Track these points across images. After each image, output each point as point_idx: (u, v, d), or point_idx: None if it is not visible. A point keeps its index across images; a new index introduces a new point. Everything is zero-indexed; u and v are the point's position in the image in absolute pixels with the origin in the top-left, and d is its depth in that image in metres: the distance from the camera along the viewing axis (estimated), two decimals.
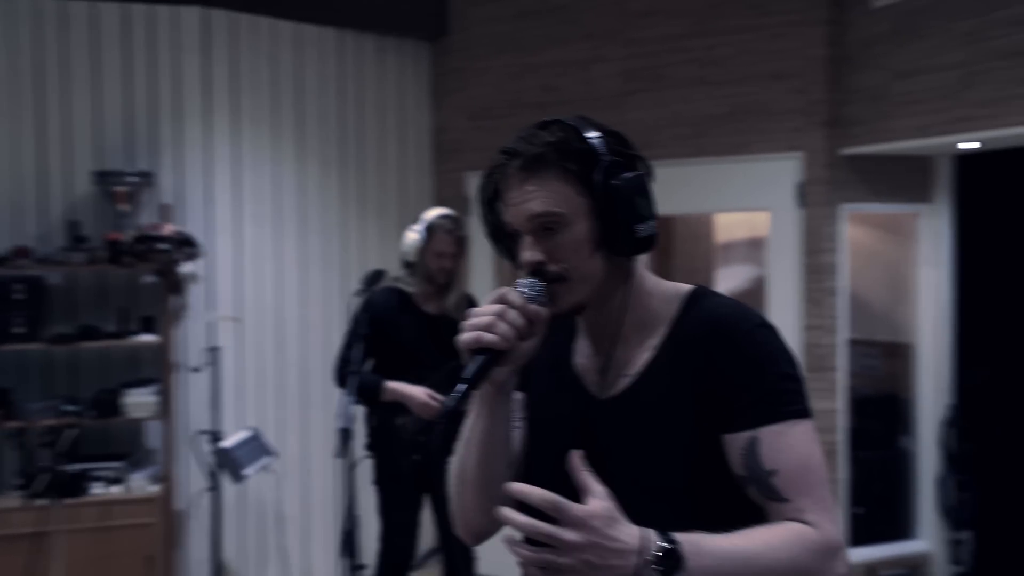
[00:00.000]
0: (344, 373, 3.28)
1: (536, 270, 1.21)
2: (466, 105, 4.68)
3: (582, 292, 1.22)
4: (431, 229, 3.33)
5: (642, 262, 1.29)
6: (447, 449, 1.26)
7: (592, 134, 1.21)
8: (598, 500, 1.03)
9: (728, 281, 4.88)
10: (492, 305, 1.19)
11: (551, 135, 1.20)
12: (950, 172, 4.14)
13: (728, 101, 4.06)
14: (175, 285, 4.06)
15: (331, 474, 4.51)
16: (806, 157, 3.92)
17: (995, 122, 3.42)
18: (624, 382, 1.25)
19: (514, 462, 1.30)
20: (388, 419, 3.34)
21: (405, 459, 3.30)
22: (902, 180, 4.08)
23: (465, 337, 1.18)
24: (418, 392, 3.22)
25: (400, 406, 3.28)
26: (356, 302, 2.84)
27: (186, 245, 3.98)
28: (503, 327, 1.16)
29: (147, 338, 3.96)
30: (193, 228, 4.11)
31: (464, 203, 4.60)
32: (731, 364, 1.17)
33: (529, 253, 1.21)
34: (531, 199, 1.20)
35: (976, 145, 3.78)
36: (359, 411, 4.14)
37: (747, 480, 1.17)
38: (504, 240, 1.28)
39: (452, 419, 1.15)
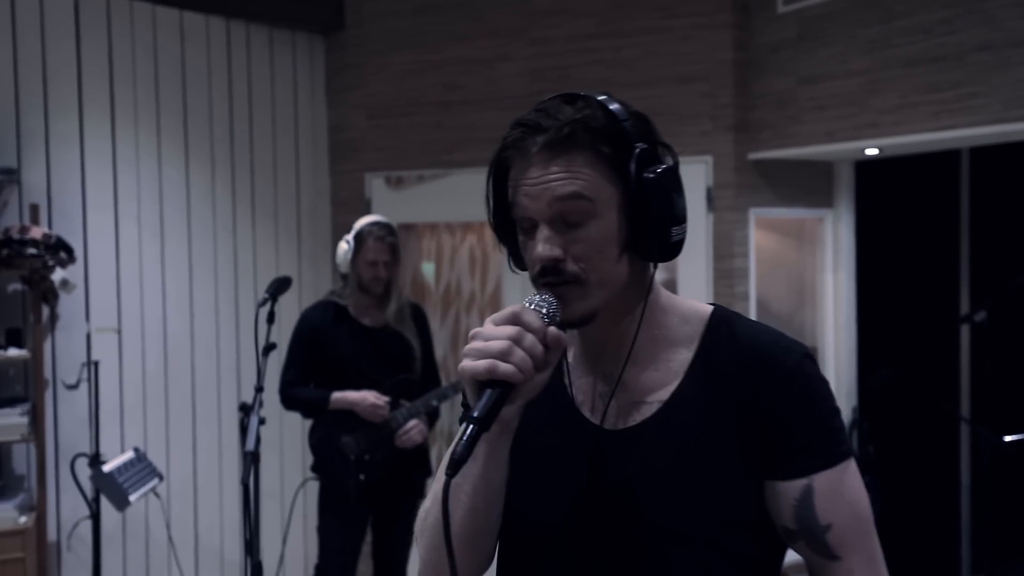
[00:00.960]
0: (288, 394, 3.24)
1: (551, 268, 1.03)
2: (364, 103, 4.47)
3: (598, 298, 1.05)
4: (360, 237, 3.21)
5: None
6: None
7: (622, 115, 1.05)
8: None
9: None
10: (504, 327, 0.99)
11: (578, 111, 1.04)
12: (851, 177, 4.21)
13: (636, 104, 3.94)
14: (46, 294, 3.70)
15: (224, 497, 4.22)
16: (715, 161, 3.90)
17: (899, 129, 3.47)
18: (645, 411, 1.08)
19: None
20: (333, 438, 3.20)
21: (351, 479, 3.17)
22: (807, 185, 4.11)
23: (475, 366, 0.98)
24: (366, 395, 3.17)
25: (345, 424, 3.18)
26: (262, 312, 2.62)
27: (58, 250, 3.62)
28: (520, 356, 0.98)
29: (14, 352, 3.58)
30: (65, 231, 3.75)
31: (365, 205, 4.39)
32: (782, 402, 1.04)
33: (545, 247, 1.02)
34: (556, 181, 1.02)
35: (876, 151, 3.84)
36: (293, 431, 3.90)
37: (796, 534, 1.04)
38: (510, 231, 1.10)
39: (458, 469, 0.96)
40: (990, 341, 4.44)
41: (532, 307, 1.02)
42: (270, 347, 2.62)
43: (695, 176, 3.92)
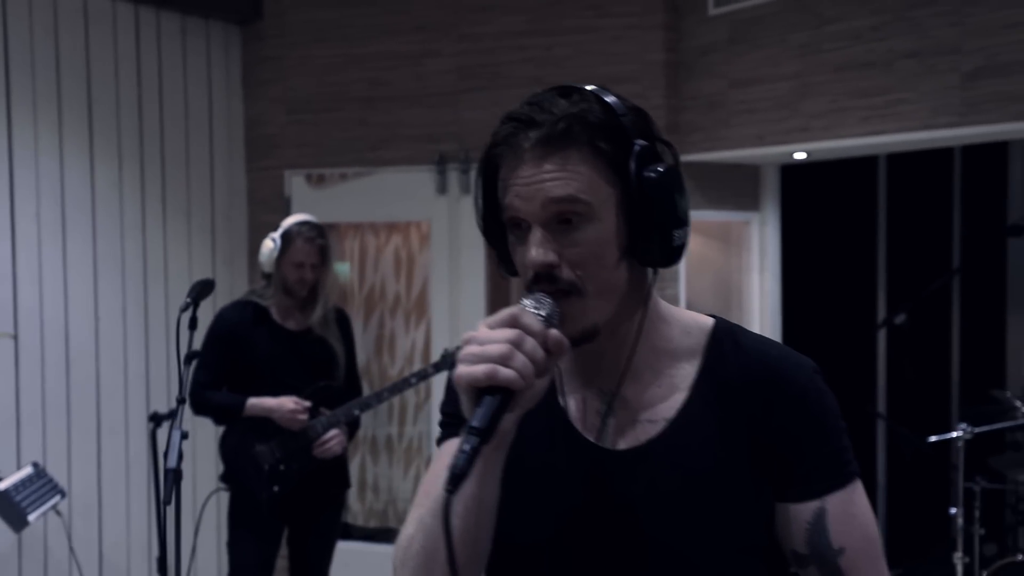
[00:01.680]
0: (199, 398, 3.01)
1: (545, 274, 0.95)
2: (283, 97, 4.29)
3: (600, 311, 0.98)
4: (288, 237, 3.04)
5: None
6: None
7: (620, 109, 0.98)
8: None
9: None
10: (503, 330, 0.91)
11: (573, 105, 0.96)
12: (777, 181, 4.24)
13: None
14: None
15: (131, 513, 3.98)
16: None
17: (828, 133, 3.51)
18: (649, 429, 1.01)
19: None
20: (246, 446, 3.00)
21: (264, 490, 2.98)
22: (734, 188, 4.12)
23: (473, 371, 0.90)
24: (284, 401, 2.98)
25: (260, 432, 2.99)
26: (184, 317, 2.44)
27: None
28: (521, 360, 0.90)
29: None
30: None
31: (285, 204, 4.20)
32: (795, 421, 0.99)
33: (538, 251, 0.95)
34: (551, 180, 0.95)
35: (804, 155, 3.88)
36: (208, 441, 3.68)
37: (807, 559, 0.99)
38: (498, 232, 1.02)
39: (459, 484, 0.87)
40: (909, 344, 4.56)
41: (529, 308, 0.95)
42: (193, 355, 2.43)
43: None
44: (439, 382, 3.91)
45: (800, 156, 3.88)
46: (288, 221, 3.13)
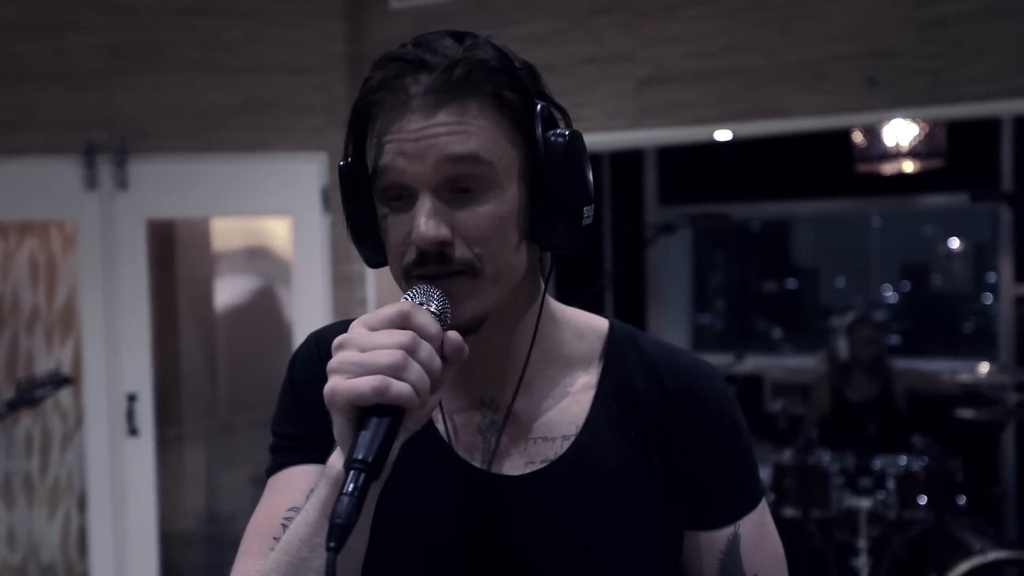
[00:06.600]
0: None
1: (435, 254, 0.76)
2: None
3: (492, 298, 0.80)
4: None
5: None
6: None
7: (518, 62, 0.83)
8: None
9: (227, 293, 4.40)
10: (391, 333, 0.71)
11: (468, 49, 0.80)
12: None
13: (241, 92, 3.61)
14: None
15: None
16: (330, 159, 3.66)
17: None
18: (546, 450, 0.85)
19: None
20: None
21: None
22: None
23: (356, 386, 0.69)
24: None
25: None
26: None
27: None
28: (417, 372, 0.70)
29: None
30: None
31: None
32: (715, 439, 0.89)
33: (429, 224, 0.76)
34: (446, 134, 0.76)
35: None
36: None
37: None
38: (367, 207, 0.81)
39: (346, 538, 0.66)
40: None
41: (420, 303, 0.76)
42: None
43: (307, 174, 3.65)
44: (93, 403, 3.36)
45: None
46: None
